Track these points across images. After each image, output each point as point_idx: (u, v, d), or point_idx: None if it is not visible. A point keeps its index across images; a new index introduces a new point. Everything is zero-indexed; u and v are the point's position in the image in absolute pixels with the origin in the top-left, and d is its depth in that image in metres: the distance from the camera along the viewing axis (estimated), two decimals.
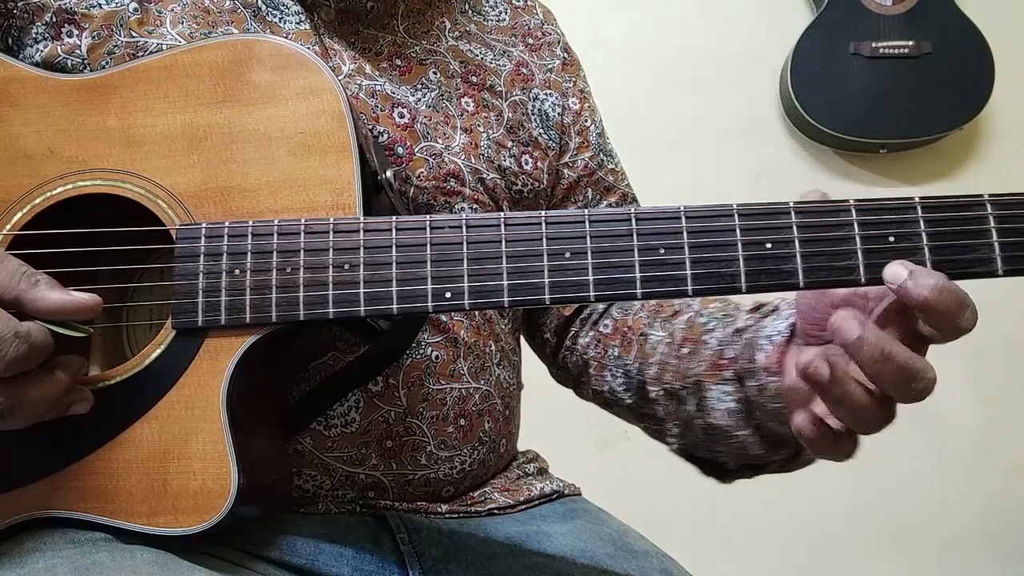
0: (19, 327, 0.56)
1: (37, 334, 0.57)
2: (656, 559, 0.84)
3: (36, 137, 0.69)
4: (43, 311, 0.58)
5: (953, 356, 2.09)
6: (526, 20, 0.96)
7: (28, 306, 0.58)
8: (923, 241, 0.59)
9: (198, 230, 0.65)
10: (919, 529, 2.07)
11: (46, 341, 0.58)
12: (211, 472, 0.62)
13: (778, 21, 2.14)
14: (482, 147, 0.84)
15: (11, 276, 0.58)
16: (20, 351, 0.56)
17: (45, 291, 0.59)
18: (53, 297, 0.59)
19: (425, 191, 0.80)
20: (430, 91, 0.84)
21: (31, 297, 0.58)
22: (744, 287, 0.60)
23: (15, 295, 0.58)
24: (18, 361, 0.56)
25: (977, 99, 2.02)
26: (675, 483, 2.03)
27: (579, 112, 0.95)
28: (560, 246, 0.61)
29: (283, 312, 0.63)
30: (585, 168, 0.94)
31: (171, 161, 0.67)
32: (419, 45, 0.86)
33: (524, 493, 0.88)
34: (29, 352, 0.56)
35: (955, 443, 2.08)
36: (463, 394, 0.81)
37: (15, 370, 0.56)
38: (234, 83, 0.68)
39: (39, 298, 0.58)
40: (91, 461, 0.64)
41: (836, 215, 0.60)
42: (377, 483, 0.78)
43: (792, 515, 2.06)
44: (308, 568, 0.73)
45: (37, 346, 0.57)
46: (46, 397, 0.59)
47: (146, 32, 0.75)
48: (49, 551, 0.62)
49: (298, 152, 0.66)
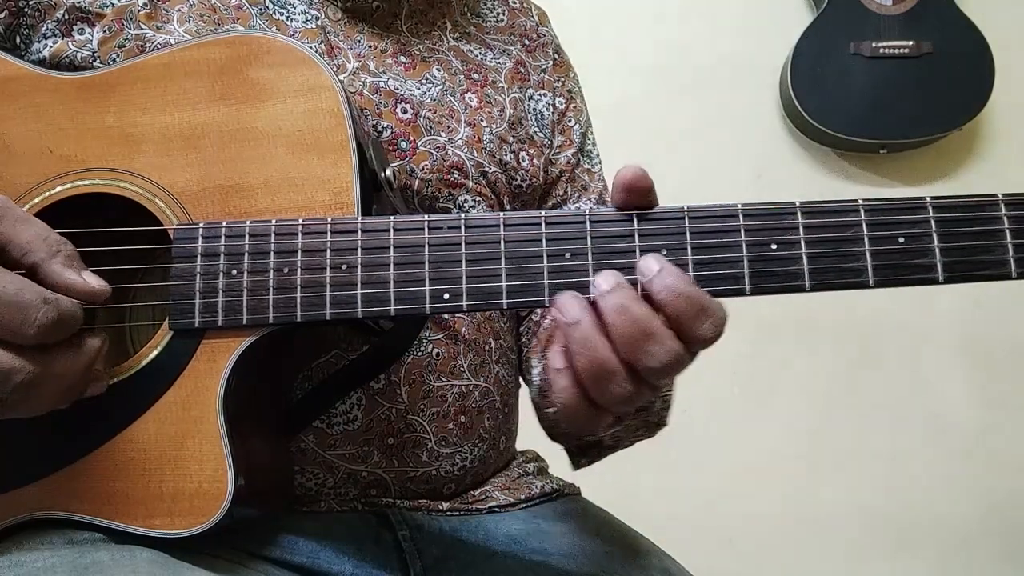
0: (47, 293, 0.56)
1: (66, 302, 0.57)
2: (656, 558, 0.84)
3: (35, 136, 0.69)
4: (51, 287, 0.58)
5: (953, 356, 2.11)
6: (522, 21, 0.97)
7: (42, 277, 0.58)
8: (934, 242, 0.58)
9: (195, 230, 0.64)
10: (919, 529, 2.07)
11: (75, 312, 0.57)
12: (207, 474, 0.62)
13: (778, 21, 2.14)
14: (485, 141, 0.85)
15: (32, 239, 0.58)
16: (50, 316, 0.55)
17: (61, 267, 0.58)
18: (67, 276, 0.58)
19: (429, 183, 0.81)
20: (435, 86, 0.85)
21: (47, 270, 0.58)
22: (748, 289, 0.59)
23: (33, 261, 0.57)
24: (48, 327, 0.55)
25: (977, 99, 2.02)
26: (675, 483, 2.05)
27: (564, 112, 0.96)
28: (560, 247, 0.61)
29: (280, 313, 0.62)
30: (567, 164, 0.95)
31: (169, 160, 0.67)
32: (422, 44, 0.87)
33: (524, 492, 0.88)
34: (59, 319, 0.56)
35: (955, 443, 2.08)
36: (463, 391, 0.81)
37: (45, 337, 0.56)
38: (232, 81, 0.67)
39: (53, 272, 0.58)
40: (88, 462, 0.64)
41: (844, 215, 0.59)
42: (379, 481, 0.78)
43: (792, 515, 2.06)
44: (309, 566, 0.73)
45: (67, 313, 0.57)
46: (74, 369, 0.58)
47: (155, 27, 0.76)
48: (48, 550, 0.62)
49: (296, 151, 0.66)
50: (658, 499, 1.99)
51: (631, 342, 0.56)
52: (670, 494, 2.03)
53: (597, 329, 0.57)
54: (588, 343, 0.57)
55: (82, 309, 0.58)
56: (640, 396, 0.58)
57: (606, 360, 0.57)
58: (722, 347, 0.68)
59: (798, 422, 2.08)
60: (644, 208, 0.61)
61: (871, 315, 2.08)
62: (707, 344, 0.58)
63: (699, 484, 2.06)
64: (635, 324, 0.56)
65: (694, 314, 0.57)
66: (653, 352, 0.56)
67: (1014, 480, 2.08)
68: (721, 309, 0.58)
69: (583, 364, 0.57)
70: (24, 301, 0.55)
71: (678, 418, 1.91)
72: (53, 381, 0.58)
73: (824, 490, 2.07)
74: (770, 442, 2.08)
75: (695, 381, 2.32)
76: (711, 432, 2.06)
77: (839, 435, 2.08)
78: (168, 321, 0.64)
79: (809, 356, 2.09)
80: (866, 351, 2.10)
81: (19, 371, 0.55)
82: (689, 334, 0.57)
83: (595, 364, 0.57)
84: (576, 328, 0.57)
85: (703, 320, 0.57)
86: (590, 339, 0.57)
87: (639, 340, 0.56)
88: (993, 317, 2.09)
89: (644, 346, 0.56)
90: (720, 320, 0.57)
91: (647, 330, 0.56)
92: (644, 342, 0.56)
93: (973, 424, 2.08)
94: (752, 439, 2.08)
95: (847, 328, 2.08)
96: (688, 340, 0.57)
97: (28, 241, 0.57)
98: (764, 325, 2.07)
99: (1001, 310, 2.09)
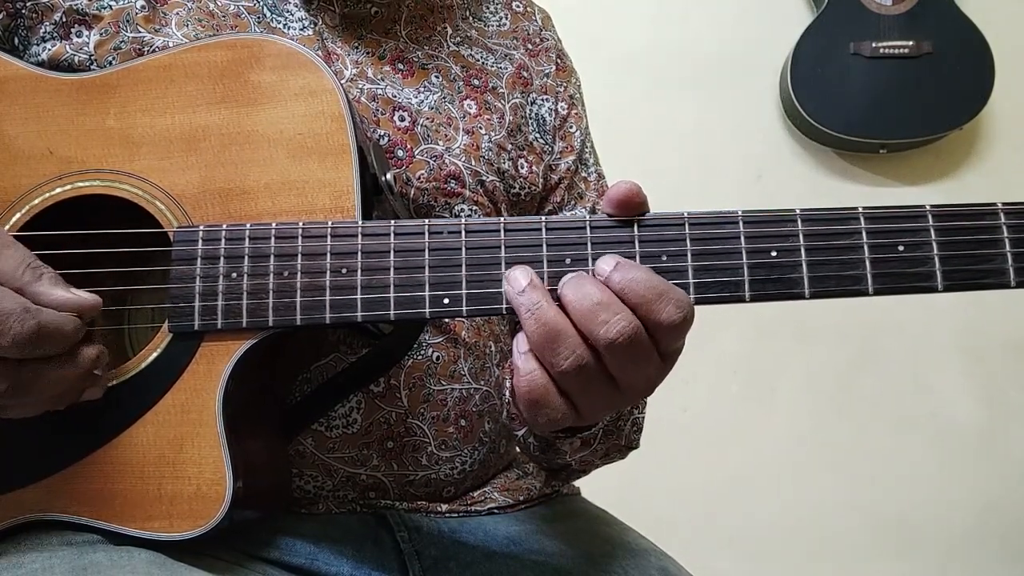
0: (28, 304, 0.56)
1: (51, 314, 0.57)
2: (656, 558, 0.84)
3: (35, 137, 0.68)
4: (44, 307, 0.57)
5: (953, 356, 2.11)
6: (526, 25, 0.96)
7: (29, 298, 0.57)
8: (933, 251, 0.58)
9: (195, 233, 0.64)
10: (919, 529, 2.07)
11: (63, 323, 0.57)
12: (206, 477, 0.62)
13: (778, 21, 2.13)
14: (483, 149, 0.85)
15: (16, 266, 0.58)
16: (27, 325, 0.55)
17: (48, 287, 0.58)
18: (56, 294, 0.58)
19: (426, 192, 0.80)
20: (433, 93, 0.84)
21: (34, 291, 0.58)
22: (748, 296, 0.59)
23: (18, 286, 0.57)
24: (25, 336, 0.55)
25: (977, 99, 2.01)
26: (675, 483, 2.05)
27: (566, 117, 0.95)
28: (561, 252, 0.61)
29: (280, 317, 0.62)
30: (567, 171, 0.94)
31: (169, 162, 0.67)
32: (421, 50, 0.86)
33: (524, 493, 0.88)
34: (38, 329, 0.55)
35: (955, 443, 2.08)
36: (464, 395, 0.81)
37: (25, 346, 0.55)
38: (233, 83, 0.67)
39: (41, 293, 0.58)
40: (87, 464, 0.64)
41: (844, 223, 0.59)
42: (378, 483, 0.78)
43: (792, 515, 2.07)
44: (307, 568, 0.73)
45: (52, 324, 0.56)
46: (66, 378, 0.59)
47: (152, 30, 0.75)
48: (46, 551, 0.62)
49: (297, 154, 0.66)
50: (658, 499, 2.00)
51: (585, 314, 0.57)
52: (670, 494, 2.03)
53: (546, 296, 0.58)
54: (537, 307, 0.58)
55: (76, 322, 0.58)
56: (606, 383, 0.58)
57: (554, 320, 0.57)
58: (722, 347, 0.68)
59: (798, 422, 2.08)
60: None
61: (871, 315, 2.08)
62: (674, 330, 0.58)
63: (699, 484, 2.06)
64: (588, 297, 0.57)
65: (654, 297, 0.57)
66: (607, 321, 0.56)
67: (1014, 480, 2.08)
68: (685, 295, 0.58)
69: (532, 327, 0.58)
70: (2, 310, 0.55)
71: (678, 418, 1.92)
72: (45, 389, 0.58)
73: (824, 490, 2.07)
74: (770, 442, 2.08)
75: (695, 381, 2.32)
76: (711, 432, 2.06)
77: (839, 435, 2.08)
78: (167, 323, 0.64)
79: (809, 356, 2.09)
80: (866, 351, 2.10)
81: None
82: (654, 319, 0.57)
83: (544, 325, 0.57)
84: (524, 295, 0.58)
85: (664, 303, 0.57)
86: (538, 302, 0.58)
87: (593, 311, 0.57)
88: (993, 317, 2.09)
89: (598, 316, 0.56)
90: (683, 303, 0.57)
91: (601, 301, 0.57)
92: (598, 312, 0.57)
93: (973, 424, 2.08)
94: (752, 439, 2.08)
95: (847, 328, 2.08)
96: (654, 327, 0.57)
97: (12, 268, 0.58)
98: (764, 325, 2.07)
99: (1001, 310, 2.09)
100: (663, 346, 0.59)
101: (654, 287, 0.57)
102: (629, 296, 0.57)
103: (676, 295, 0.58)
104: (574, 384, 0.58)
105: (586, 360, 0.57)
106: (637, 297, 0.57)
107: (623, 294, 0.57)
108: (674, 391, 2.03)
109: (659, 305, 0.57)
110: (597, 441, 0.78)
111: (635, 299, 0.57)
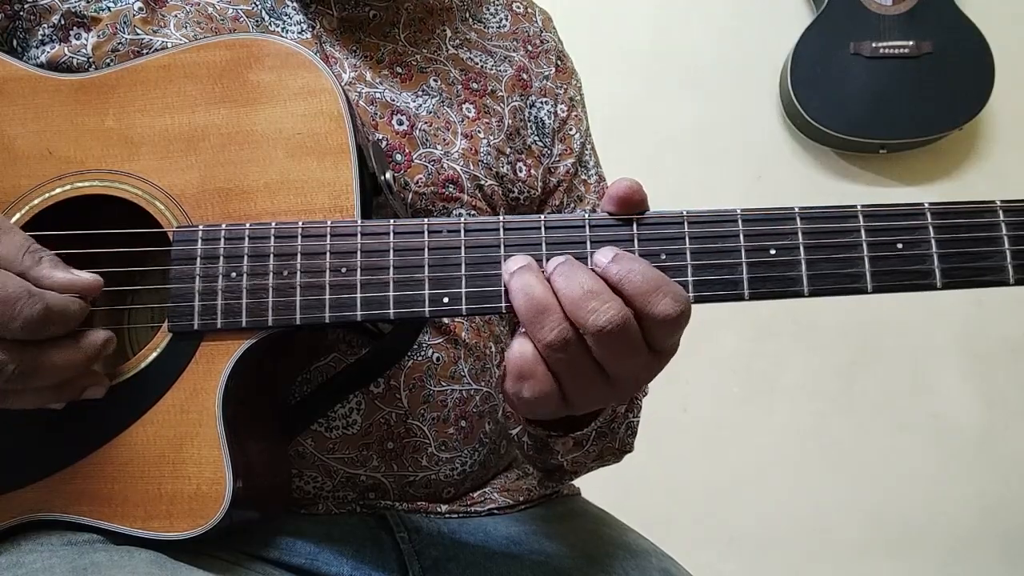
0: (32, 287, 0.56)
1: (55, 296, 0.57)
2: (656, 559, 0.84)
3: (34, 137, 0.68)
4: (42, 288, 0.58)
5: (954, 356, 2.11)
6: (526, 27, 0.96)
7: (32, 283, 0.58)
8: (932, 248, 0.58)
9: (195, 232, 0.64)
10: (919, 529, 2.07)
11: (67, 305, 0.58)
12: (206, 477, 0.62)
13: (778, 21, 2.13)
14: (482, 153, 0.84)
15: (17, 251, 0.58)
16: (36, 308, 0.56)
17: (49, 269, 0.59)
18: (57, 276, 0.59)
19: (424, 197, 0.80)
20: (431, 97, 0.84)
21: (36, 275, 0.58)
22: (747, 294, 0.59)
23: (20, 270, 0.58)
24: (34, 319, 0.56)
25: (977, 99, 2.01)
26: (675, 483, 2.05)
27: (565, 119, 0.95)
28: (560, 251, 0.61)
29: (280, 316, 0.62)
30: (566, 174, 0.94)
31: (169, 162, 0.67)
32: (420, 53, 0.86)
33: (524, 493, 0.88)
34: (47, 312, 0.56)
35: (955, 443, 2.08)
36: (464, 396, 0.81)
37: (33, 329, 0.56)
38: (232, 83, 0.67)
39: (43, 276, 0.58)
40: (87, 464, 0.64)
41: (843, 221, 0.59)
42: (378, 484, 0.78)
43: (792, 515, 2.07)
44: (307, 568, 0.73)
45: (58, 306, 0.57)
46: (73, 362, 0.59)
47: (151, 31, 0.75)
48: (46, 551, 0.62)
49: (296, 154, 0.66)
50: (658, 499, 1.99)
51: (575, 301, 0.57)
52: (670, 494, 2.03)
53: (538, 276, 0.59)
54: (528, 287, 0.58)
55: (80, 303, 0.59)
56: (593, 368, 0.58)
57: (543, 295, 0.58)
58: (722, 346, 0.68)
59: (798, 421, 2.08)
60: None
61: (871, 314, 2.08)
62: (669, 324, 0.57)
63: (699, 484, 2.06)
64: (580, 285, 0.57)
65: (651, 289, 0.57)
66: (597, 309, 0.56)
67: (1014, 480, 2.08)
68: (682, 290, 0.58)
69: (520, 302, 0.58)
70: (7, 295, 0.55)
71: (678, 418, 1.92)
72: (51, 374, 0.58)
73: (824, 490, 2.07)
74: (770, 442, 2.08)
75: (695, 380, 2.32)
76: (711, 432, 2.06)
77: (839, 435, 2.08)
78: (167, 323, 0.64)
79: (809, 355, 2.09)
80: (866, 350, 2.10)
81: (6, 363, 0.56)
82: (649, 311, 0.57)
83: (532, 299, 0.58)
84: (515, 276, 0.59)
85: (661, 295, 0.57)
86: (528, 282, 0.58)
87: (584, 298, 0.57)
88: (993, 317, 2.09)
89: (588, 304, 0.57)
90: (680, 297, 0.57)
91: (592, 289, 0.57)
92: (588, 299, 0.57)
93: (973, 424, 2.08)
94: (752, 439, 2.08)
95: (847, 327, 2.08)
96: (648, 319, 0.57)
97: (13, 252, 0.58)
98: (764, 324, 2.07)
99: (1001, 310, 2.09)
100: (655, 340, 0.58)
101: (652, 279, 0.57)
102: (626, 287, 0.57)
103: (673, 289, 0.58)
104: (562, 363, 0.58)
105: (572, 334, 0.57)
106: (633, 288, 0.57)
107: (620, 285, 0.57)
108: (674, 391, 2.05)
109: (655, 297, 0.57)
110: (590, 442, 0.78)
111: (631, 290, 0.57)
